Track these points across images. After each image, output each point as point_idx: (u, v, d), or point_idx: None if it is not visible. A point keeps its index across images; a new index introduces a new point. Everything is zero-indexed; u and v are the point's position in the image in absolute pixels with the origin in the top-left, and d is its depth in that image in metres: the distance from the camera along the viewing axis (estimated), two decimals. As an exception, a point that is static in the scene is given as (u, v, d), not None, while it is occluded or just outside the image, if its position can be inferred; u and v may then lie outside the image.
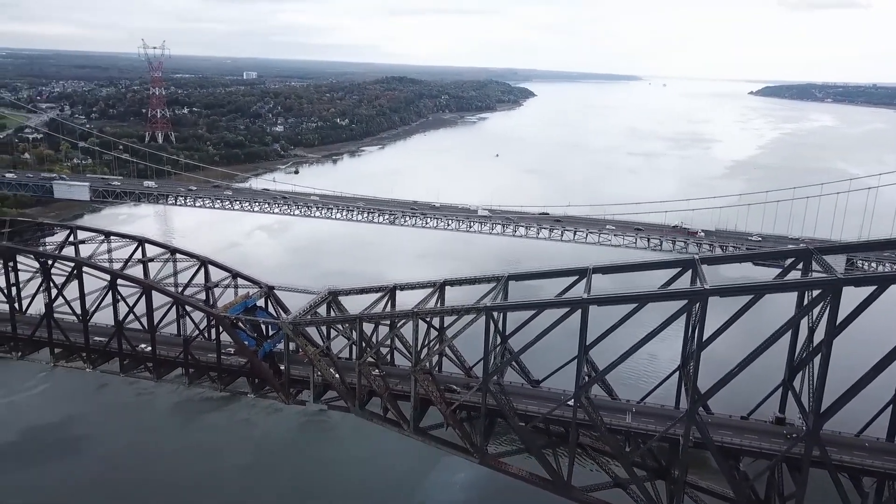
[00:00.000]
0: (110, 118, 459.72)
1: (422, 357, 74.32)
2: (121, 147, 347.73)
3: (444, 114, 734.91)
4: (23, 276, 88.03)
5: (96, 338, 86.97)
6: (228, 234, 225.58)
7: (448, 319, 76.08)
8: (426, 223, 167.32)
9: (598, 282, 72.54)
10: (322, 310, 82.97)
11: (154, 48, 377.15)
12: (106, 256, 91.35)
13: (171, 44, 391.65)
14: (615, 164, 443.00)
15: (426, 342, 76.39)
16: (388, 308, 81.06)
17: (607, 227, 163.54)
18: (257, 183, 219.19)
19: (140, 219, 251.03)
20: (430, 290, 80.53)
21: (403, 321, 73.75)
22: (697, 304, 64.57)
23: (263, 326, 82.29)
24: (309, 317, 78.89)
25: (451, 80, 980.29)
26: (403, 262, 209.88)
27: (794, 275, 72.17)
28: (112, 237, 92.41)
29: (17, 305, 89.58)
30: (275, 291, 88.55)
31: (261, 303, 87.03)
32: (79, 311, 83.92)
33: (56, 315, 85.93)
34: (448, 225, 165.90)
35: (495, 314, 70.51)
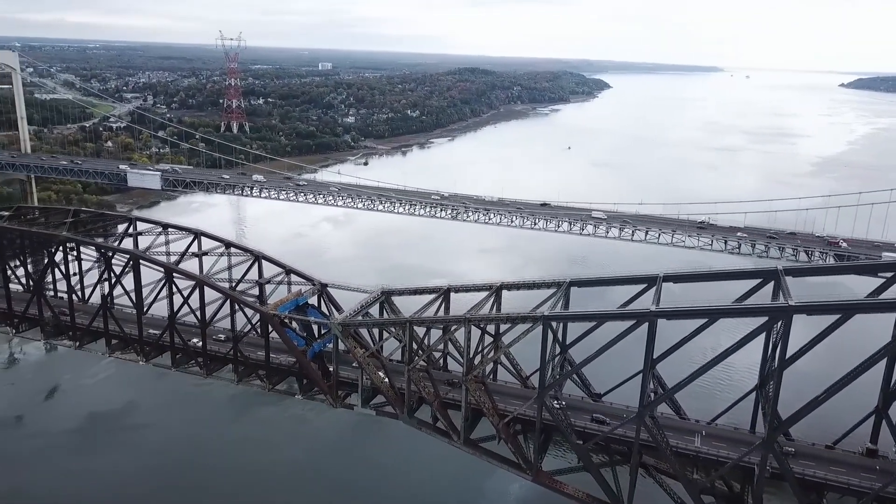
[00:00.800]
0: (189, 108, 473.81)
1: (474, 365, 70.28)
2: (197, 137, 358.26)
3: (515, 105, 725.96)
4: (83, 266, 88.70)
5: (151, 330, 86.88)
6: (294, 224, 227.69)
7: (504, 326, 71.65)
8: (489, 219, 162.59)
9: (668, 290, 66.79)
10: (375, 310, 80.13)
11: (231, 40, 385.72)
12: (163, 249, 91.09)
13: (254, 35, 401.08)
14: (692, 160, 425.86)
15: (480, 349, 72.22)
16: (442, 311, 77.59)
17: (677, 227, 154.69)
18: (325, 174, 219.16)
19: (210, 207, 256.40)
20: (486, 294, 76.36)
21: (456, 326, 69.76)
22: (780, 322, 58.01)
23: (314, 326, 79.97)
24: (359, 318, 76.01)
25: (525, 71, 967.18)
26: (464, 259, 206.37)
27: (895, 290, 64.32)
28: (169, 229, 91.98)
29: (80, 294, 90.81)
30: (328, 289, 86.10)
31: (313, 300, 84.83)
32: (135, 302, 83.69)
33: (112, 307, 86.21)
34: (512, 221, 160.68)
35: (554, 324, 65.65)
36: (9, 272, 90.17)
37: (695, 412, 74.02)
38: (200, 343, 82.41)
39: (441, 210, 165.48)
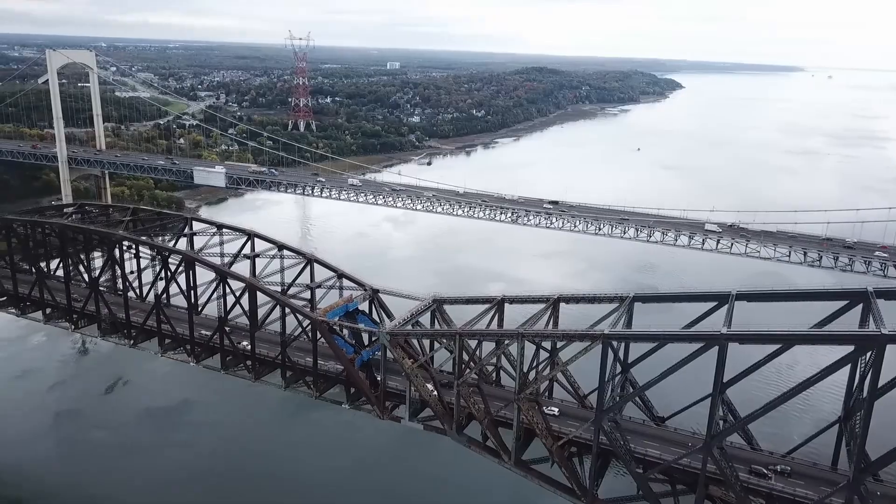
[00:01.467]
0: (259, 107, 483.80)
1: (528, 381, 66.33)
2: (265, 135, 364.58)
3: (583, 105, 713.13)
4: (136, 265, 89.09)
5: (202, 331, 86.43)
6: (354, 223, 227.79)
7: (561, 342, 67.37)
8: (550, 223, 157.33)
9: (741, 309, 61.25)
10: (426, 318, 77.31)
11: (300, 39, 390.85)
12: (217, 249, 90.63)
13: (325, 35, 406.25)
14: (769, 163, 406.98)
15: (534, 364, 68.19)
16: (496, 323, 74.05)
17: (751, 237, 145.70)
18: (386, 174, 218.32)
19: (274, 205, 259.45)
20: (542, 306, 72.33)
21: (510, 341, 65.96)
22: (870, 351, 51.92)
23: (363, 333, 77.61)
24: (409, 327, 73.20)
25: (594, 70, 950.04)
26: (523, 262, 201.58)
27: None
28: (224, 230, 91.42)
29: (138, 292, 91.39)
30: (379, 295, 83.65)
31: (364, 306, 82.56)
32: (187, 303, 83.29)
33: (166, 306, 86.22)
34: (575, 226, 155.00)
35: (615, 343, 61.05)
36: (70, 268, 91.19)
37: (767, 441, 68.09)
38: (250, 346, 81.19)
39: (501, 213, 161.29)
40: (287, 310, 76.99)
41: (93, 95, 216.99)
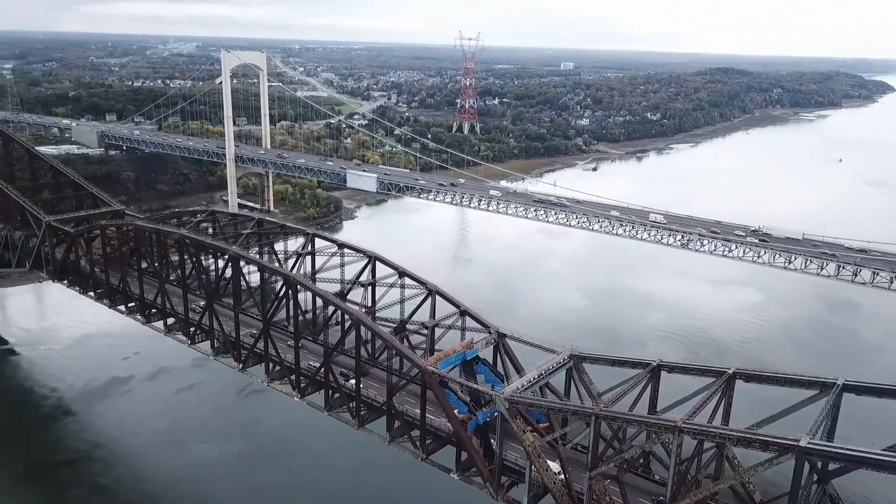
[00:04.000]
0: (427, 107, 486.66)
1: (686, 485, 49.94)
2: (429, 136, 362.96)
3: (773, 109, 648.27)
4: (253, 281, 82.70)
5: (310, 362, 78.15)
6: (509, 231, 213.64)
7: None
8: (728, 251, 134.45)
9: None
10: (559, 376, 63.10)
11: (469, 40, 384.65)
12: (336, 271, 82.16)
13: (499, 36, 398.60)
14: None
15: (696, 456, 51.56)
16: (648, 392, 58.26)
17: None
18: (542, 183, 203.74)
19: (430, 208, 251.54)
20: (711, 381, 55.44)
21: (664, 434, 49.84)
22: None
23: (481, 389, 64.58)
24: (532, 390, 59.30)
25: (788, 71, 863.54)
26: (689, 289, 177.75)
27: None
28: (346, 249, 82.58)
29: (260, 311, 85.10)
30: (506, 340, 70.32)
31: (487, 350, 69.71)
32: (294, 329, 75.22)
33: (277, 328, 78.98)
34: (758, 256, 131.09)
35: (818, 462, 43.16)
36: (188, 280, 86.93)
37: None
38: (356, 386, 71.24)
39: (669, 236, 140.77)
40: (396, 353, 65.92)
41: (261, 95, 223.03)
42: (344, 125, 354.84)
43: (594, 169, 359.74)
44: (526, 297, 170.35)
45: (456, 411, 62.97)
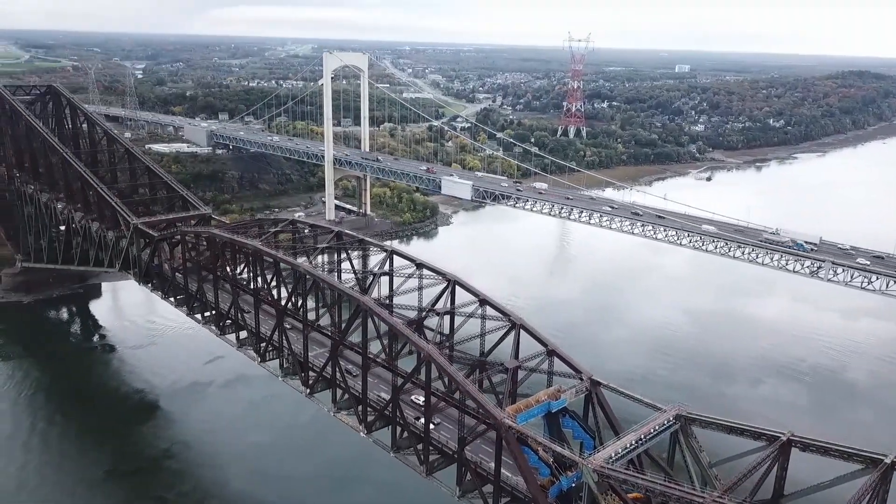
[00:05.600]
0: (532, 110, 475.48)
1: None
2: (532, 140, 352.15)
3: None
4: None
5: (381, 393, 71.31)
6: (607, 246, 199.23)
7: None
8: (867, 282, 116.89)
9: None
10: (662, 438, 52.97)
11: (579, 41, 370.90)
12: (413, 295, 74.93)
13: (612, 36, 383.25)
14: None
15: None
16: (774, 472, 47.38)
17: None
18: (649, 193, 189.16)
19: (524, 217, 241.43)
20: (857, 469, 44.02)
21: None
22: None
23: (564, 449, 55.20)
24: (626, 461, 49.43)
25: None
26: (815, 320, 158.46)
27: None
28: (424, 270, 75.16)
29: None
30: (601, 388, 60.55)
31: (577, 401, 60.23)
32: (363, 358, 68.54)
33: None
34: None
35: None
36: (260, 294, 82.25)
37: None
38: (425, 427, 63.61)
39: (796, 262, 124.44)
40: (469, 398, 57.64)
41: (362, 97, 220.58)
42: (445, 128, 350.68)
43: (708, 179, 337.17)
44: (625, 318, 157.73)
45: (536, 472, 54.04)
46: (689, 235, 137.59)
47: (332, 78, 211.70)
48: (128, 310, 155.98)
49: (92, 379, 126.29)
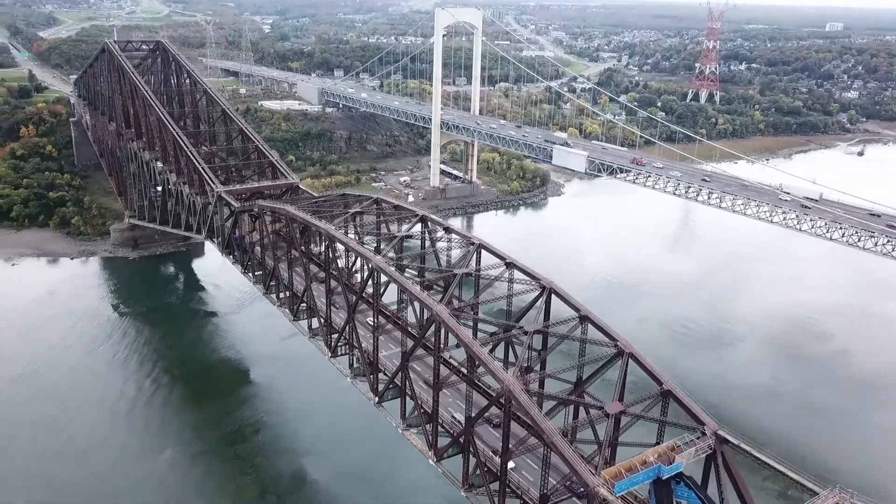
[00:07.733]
0: (661, 71, 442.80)
1: None
2: (658, 104, 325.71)
3: None
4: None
5: (456, 414, 61.10)
6: (739, 225, 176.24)
7: None
8: None
9: None
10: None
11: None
12: (502, 302, 63.65)
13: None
14: None
15: None
16: None
17: None
18: (798, 163, 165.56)
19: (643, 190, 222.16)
20: None
21: None
22: None
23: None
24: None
25: None
26: None
27: None
28: (515, 271, 63.40)
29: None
30: (727, 447, 47.22)
31: (695, 462, 47.29)
32: (434, 376, 58.36)
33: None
34: None
35: None
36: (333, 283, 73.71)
37: None
38: (501, 468, 52.83)
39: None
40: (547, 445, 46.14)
41: (474, 55, 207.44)
42: (565, 89, 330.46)
43: (860, 153, 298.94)
44: (748, 315, 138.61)
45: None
46: (841, 228, 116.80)
47: (447, 34, 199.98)
48: (228, 274, 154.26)
49: (185, 342, 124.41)
